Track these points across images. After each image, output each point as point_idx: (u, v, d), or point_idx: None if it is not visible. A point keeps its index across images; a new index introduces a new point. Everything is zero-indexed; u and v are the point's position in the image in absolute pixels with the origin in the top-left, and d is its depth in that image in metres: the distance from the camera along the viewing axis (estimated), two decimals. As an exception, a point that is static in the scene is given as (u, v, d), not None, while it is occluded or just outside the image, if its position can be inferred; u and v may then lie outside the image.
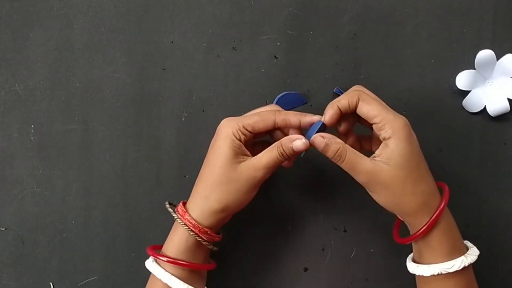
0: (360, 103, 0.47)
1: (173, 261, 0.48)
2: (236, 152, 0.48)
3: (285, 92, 0.50)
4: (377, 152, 0.47)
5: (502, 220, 0.59)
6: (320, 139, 0.47)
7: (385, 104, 0.48)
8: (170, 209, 0.50)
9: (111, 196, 0.58)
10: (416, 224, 0.48)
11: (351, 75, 0.58)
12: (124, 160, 0.58)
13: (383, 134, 0.46)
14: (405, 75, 0.58)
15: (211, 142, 0.50)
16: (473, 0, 0.59)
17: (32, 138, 0.58)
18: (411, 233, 0.49)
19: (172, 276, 0.48)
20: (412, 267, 0.50)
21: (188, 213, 0.49)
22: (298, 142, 0.47)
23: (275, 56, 0.58)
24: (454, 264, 0.47)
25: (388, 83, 0.58)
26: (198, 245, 0.49)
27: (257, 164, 0.47)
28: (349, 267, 0.58)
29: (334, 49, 0.58)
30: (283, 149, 0.47)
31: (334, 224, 0.58)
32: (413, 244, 0.51)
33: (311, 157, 0.57)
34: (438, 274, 0.47)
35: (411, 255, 0.52)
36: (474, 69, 0.58)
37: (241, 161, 0.48)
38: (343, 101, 0.48)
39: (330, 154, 0.47)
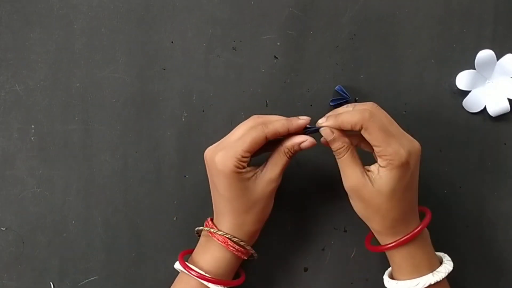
0: (362, 130, 0.47)
1: (219, 281, 0.50)
2: (247, 177, 0.49)
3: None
4: (372, 167, 0.48)
5: (502, 220, 0.59)
6: (329, 132, 0.48)
7: (393, 132, 0.47)
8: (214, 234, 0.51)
9: (111, 196, 0.58)
10: (381, 240, 0.50)
11: (351, 75, 0.58)
12: (124, 160, 0.58)
13: (379, 161, 0.47)
14: (405, 75, 0.58)
15: (214, 177, 0.49)
16: (473, 0, 0.59)
17: (32, 138, 0.58)
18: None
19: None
20: (385, 281, 0.52)
21: (231, 240, 0.50)
22: (306, 143, 0.49)
23: (275, 56, 0.58)
24: (419, 283, 0.48)
25: (388, 83, 0.58)
26: (234, 260, 0.51)
27: (272, 177, 0.49)
28: (349, 267, 0.58)
29: (334, 49, 0.58)
30: (291, 153, 0.49)
31: (334, 224, 0.58)
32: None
33: (311, 157, 0.57)
34: None
35: (390, 269, 0.53)
36: (474, 69, 0.58)
37: (255, 179, 0.49)
38: (345, 125, 0.47)
39: (333, 147, 0.49)
